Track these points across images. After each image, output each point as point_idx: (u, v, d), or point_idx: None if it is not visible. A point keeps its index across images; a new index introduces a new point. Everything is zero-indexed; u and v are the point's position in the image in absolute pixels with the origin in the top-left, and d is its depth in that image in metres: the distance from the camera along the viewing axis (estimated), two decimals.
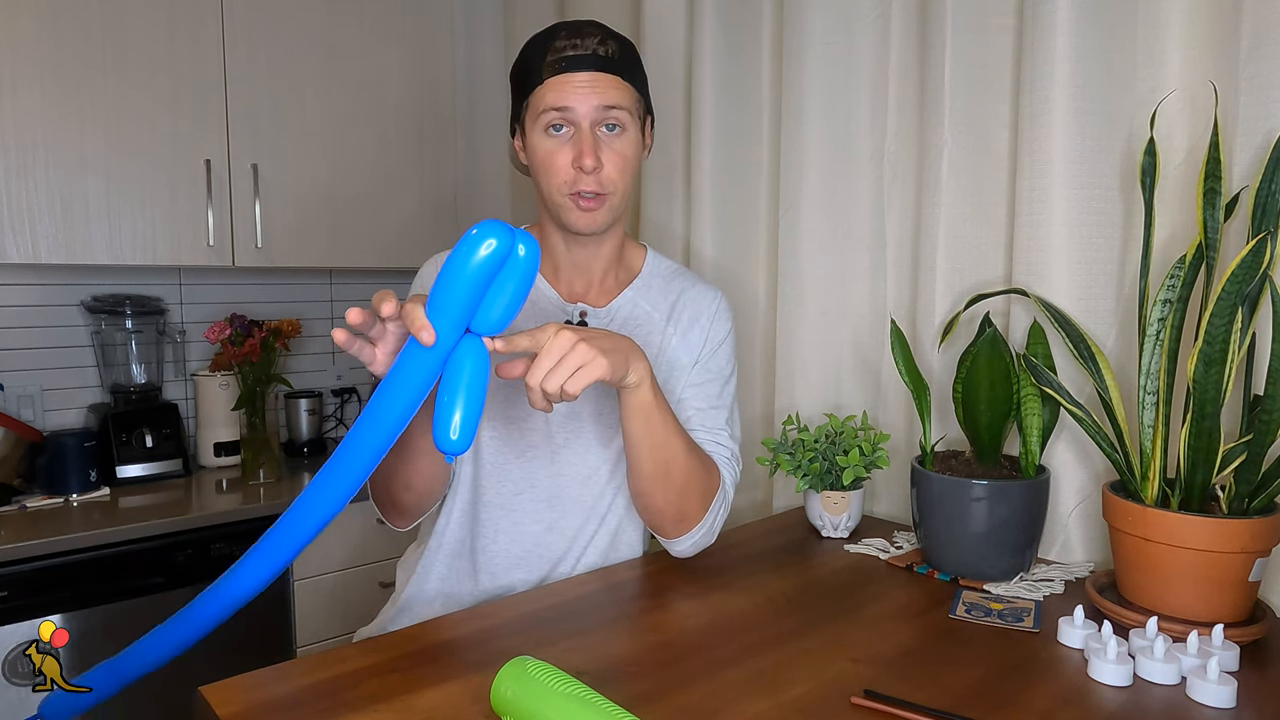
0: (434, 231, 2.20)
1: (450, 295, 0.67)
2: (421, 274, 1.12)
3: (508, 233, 0.66)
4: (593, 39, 0.99)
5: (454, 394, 0.69)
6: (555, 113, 0.98)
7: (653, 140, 1.11)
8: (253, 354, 1.97)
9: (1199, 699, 0.73)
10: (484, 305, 0.69)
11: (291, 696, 0.71)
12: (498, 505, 1.06)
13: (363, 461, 0.72)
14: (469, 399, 0.69)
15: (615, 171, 1.00)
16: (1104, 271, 1.08)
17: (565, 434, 1.06)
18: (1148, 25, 1.05)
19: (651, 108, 1.08)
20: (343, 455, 0.72)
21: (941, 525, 1.03)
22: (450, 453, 0.69)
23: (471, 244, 0.65)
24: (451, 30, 2.23)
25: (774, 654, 0.81)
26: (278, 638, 1.77)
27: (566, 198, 1.00)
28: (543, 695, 0.63)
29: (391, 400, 0.70)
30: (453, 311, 0.68)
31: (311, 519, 0.74)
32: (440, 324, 0.68)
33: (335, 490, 0.73)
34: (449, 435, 0.68)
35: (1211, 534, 0.83)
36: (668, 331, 1.10)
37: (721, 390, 1.11)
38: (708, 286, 1.15)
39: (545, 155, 1.00)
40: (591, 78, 0.97)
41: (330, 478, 0.73)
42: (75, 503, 1.72)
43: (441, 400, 0.69)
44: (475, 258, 0.65)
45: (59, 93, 1.68)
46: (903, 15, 1.31)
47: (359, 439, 0.71)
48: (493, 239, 0.65)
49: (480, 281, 0.67)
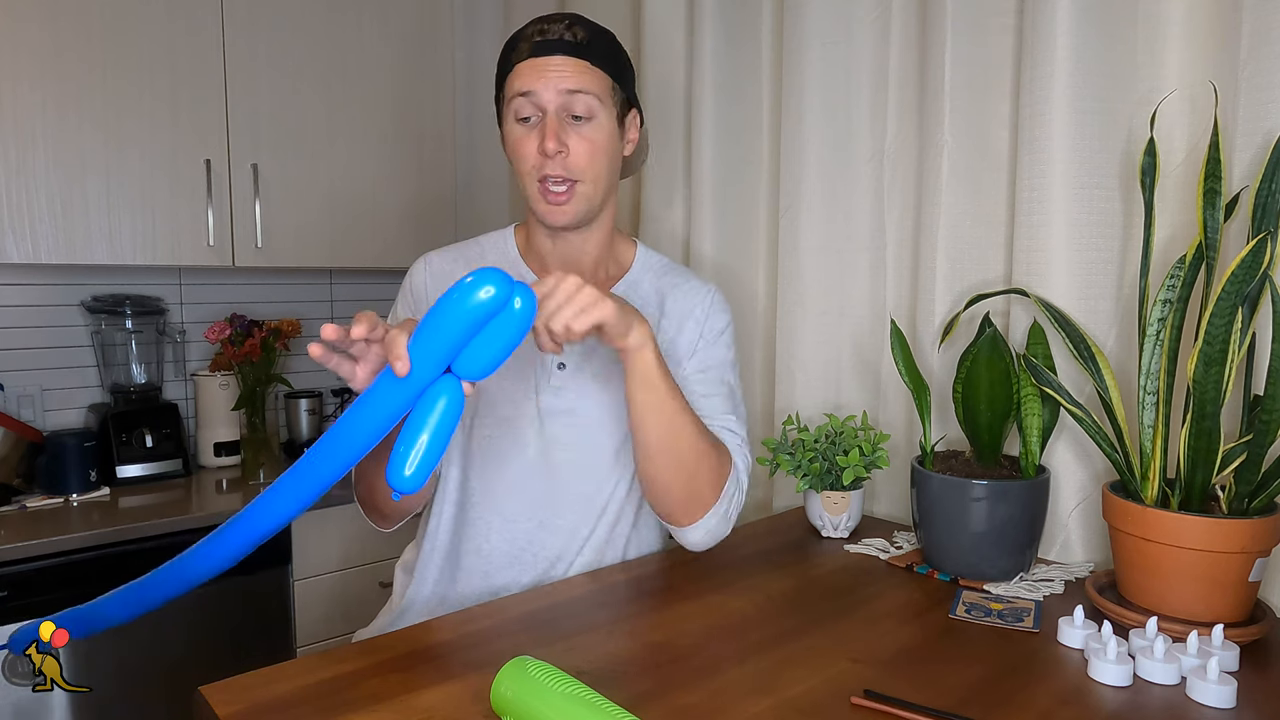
0: (434, 231, 2.20)
1: (435, 332, 0.66)
2: (411, 276, 1.11)
3: (507, 283, 0.66)
4: (561, 25, 0.98)
5: (418, 431, 0.67)
6: (522, 98, 0.98)
7: (641, 137, 1.10)
8: (253, 354, 1.97)
9: (1199, 699, 0.73)
10: (471, 350, 0.68)
11: (291, 696, 0.71)
12: (488, 505, 1.05)
13: (322, 475, 0.71)
14: (433, 438, 0.67)
15: (584, 158, 0.99)
16: (1104, 271, 1.08)
17: (558, 429, 1.05)
18: (1148, 25, 1.05)
19: (636, 102, 1.07)
20: (302, 469, 0.71)
21: (941, 525, 1.03)
22: (399, 490, 0.67)
23: (468, 287, 0.65)
24: (452, 30, 2.23)
25: (774, 654, 0.81)
26: (278, 638, 1.77)
27: (535, 186, 1.00)
28: (543, 695, 0.63)
29: (358, 422, 0.69)
30: (435, 348, 0.67)
31: (258, 528, 0.74)
32: (419, 357, 0.66)
33: (288, 501, 0.72)
34: (402, 471, 0.67)
35: (1211, 534, 0.83)
36: (662, 326, 1.09)
37: (723, 378, 1.09)
38: (701, 281, 1.14)
39: (514, 143, 1.00)
40: (558, 62, 0.97)
41: (285, 489, 0.72)
42: (75, 503, 1.72)
43: (404, 434, 0.68)
44: (469, 300, 0.65)
45: (59, 93, 1.68)
46: (903, 15, 1.31)
47: (320, 455, 0.71)
48: (491, 286, 0.65)
49: (469, 325, 0.66)
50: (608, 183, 1.04)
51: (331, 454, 0.71)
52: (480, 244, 1.14)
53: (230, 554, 0.76)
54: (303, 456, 0.72)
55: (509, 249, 1.12)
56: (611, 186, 1.06)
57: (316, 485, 0.72)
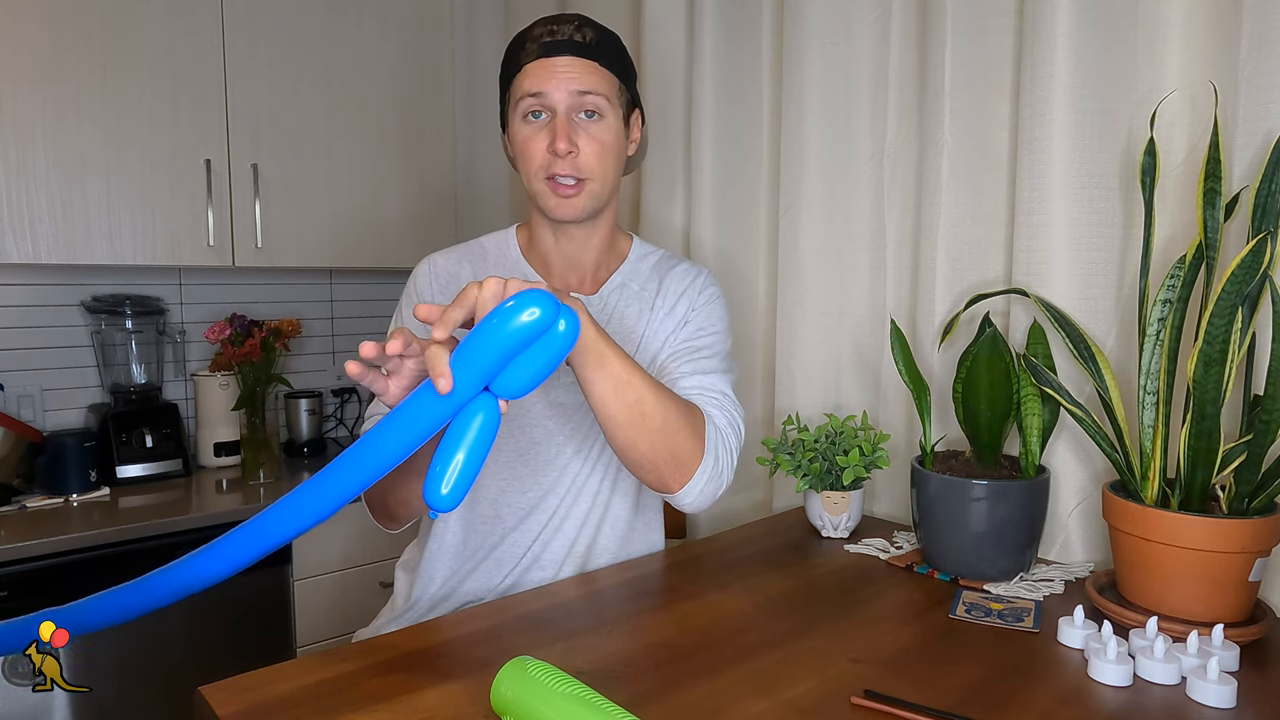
0: (434, 232, 2.20)
1: (479, 351, 0.66)
2: (415, 276, 1.11)
3: (553, 306, 0.65)
4: (570, 25, 0.99)
5: (456, 448, 0.66)
6: (532, 99, 0.98)
7: (641, 135, 1.10)
8: (253, 354, 1.97)
9: (1199, 699, 0.72)
10: (511, 369, 0.67)
11: (291, 696, 0.71)
12: (498, 503, 1.06)
13: (347, 488, 0.70)
14: (470, 456, 0.67)
15: (593, 157, 0.99)
16: (1104, 271, 1.08)
17: (570, 424, 1.06)
18: (1148, 25, 1.05)
19: (639, 101, 1.08)
20: (328, 477, 0.71)
21: (941, 525, 1.03)
22: (438, 509, 0.66)
23: (515, 309, 0.64)
24: (452, 30, 2.23)
25: (774, 654, 0.81)
26: (278, 638, 1.77)
27: (544, 183, 1.00)
28: (543, 695, 0.63)
29: (394, 436, 0.69)
30: (478, 367, 0.66)
31: (280, 532, 0.73)
32: (461, 375, 0.66)
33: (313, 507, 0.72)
34: (440, 489, 0.66)
35: (1211, 534, 0.83)
36: (656, 305, 1.09)
37: (712, 341, 1.07)
38: (691, 264, 1.15)
39: (523, 142, 1.00)
40: (567, 62, 0.97)
41: (311, 495, 0.72)
42: (75, 503, 1.72)
43: (442, 451, 0.67)
44: (515, 322, 0.64)
45: (59, 93, 1.68)
46: (903, 15, 1.31)
47: (351, 464, 0.70)
48: (536, 308, 0.64)
49: (514, 346, 0.66)
50: (614, 181, 1.05)
51: (361, 465, 0.70)
52: (483, 244, 1.14)
53: (243, 560, 0.75)
54: (330, 465, 0.71)
55: (511, 249, 1.12)
56: (616, 185, 1.06)
57: (342, 495, 0.71)
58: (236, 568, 0.75)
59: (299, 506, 0.72)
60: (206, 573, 0.77)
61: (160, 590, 0.80)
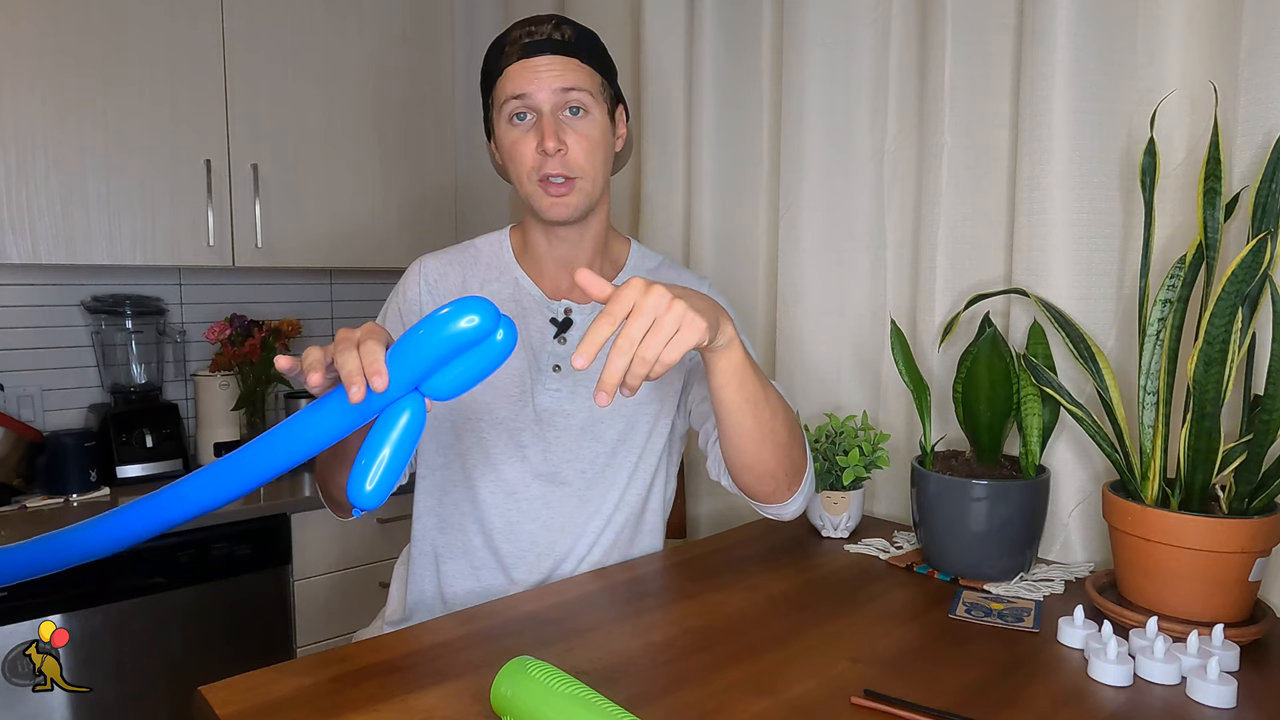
0: (433, 231, 2.20)
1: (415, 352, 0.66)
2: (405, 280, 1.11)
3: (493, 315, 0.66)
4: (547, 25, 0.99)
5: (381, 445, 0.67)
6: (516, 101, 0.98)
7: (629, 131, 1.10)
8: (253, 354, 1.97)
9: (1199, 699, 0.72)
10: (443, 372, 0.67)
11: (291, 696, 0.71)
12: (487, 507, 1.05)
13: (259, 473, 0.71)
14: (395, 454, 0.67)
15: (582, 154, 0.99)
16: (1104, 271, 1.08)
17: (555, 430, 1.05)
18: (1148, 25, 1.05)
19: (623, 97, 1.08)
20: (241, 459, 0.71)
21: (941, 525, 1.03)
22: (360, 506, 0.66)
23: (454, 314, 0.65)
24: (451, 30, 2.23)
25: (774, 654, 0.81)
26: (278, 638, 1.77)
27: (535, 185, 0.99)
28: (543, 695, 0.63)
29: (314, 426, 0.69)
30: (411, 367, 0.66)
31: (182, 510, 0.74)
32: (395, 373, 0.66)
33: (217, 488, 0.72)
34: (363, 486, 0.66)
35: (1211, 534, 0.83)
36: None
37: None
38: (693, 275, 1.16)
39: (511, 145, 1.00)
40: (548, 61, 0.97)
41: (218, 476, 0.72)
42: (75, 503, 1.72)
43: (365, 449, 0.67)
44: (453, 326, 0.65)
45: (59, 93, 1.68)
46: (903, 15, 1.31)
47: (264, 451, 0.70)
48: (476, 315, 0.65)
49: (449, 350, 0.66)
50: (604, 178, 1.04)
51: (277, 452, 0.70)
52: (476, 246, 1.14)
53: (145, 530, 0.75)
54: (244, 447, 0.71)
55: (504, 251, 1.12)
56: (607, 181, 1.06)
57: (253, 478, 0.71)
58: (138, 538, 0.76)
59: (207, 484, 0.73)
60: (112, 537, 0.77)
61: (76, 546, 0.79)
